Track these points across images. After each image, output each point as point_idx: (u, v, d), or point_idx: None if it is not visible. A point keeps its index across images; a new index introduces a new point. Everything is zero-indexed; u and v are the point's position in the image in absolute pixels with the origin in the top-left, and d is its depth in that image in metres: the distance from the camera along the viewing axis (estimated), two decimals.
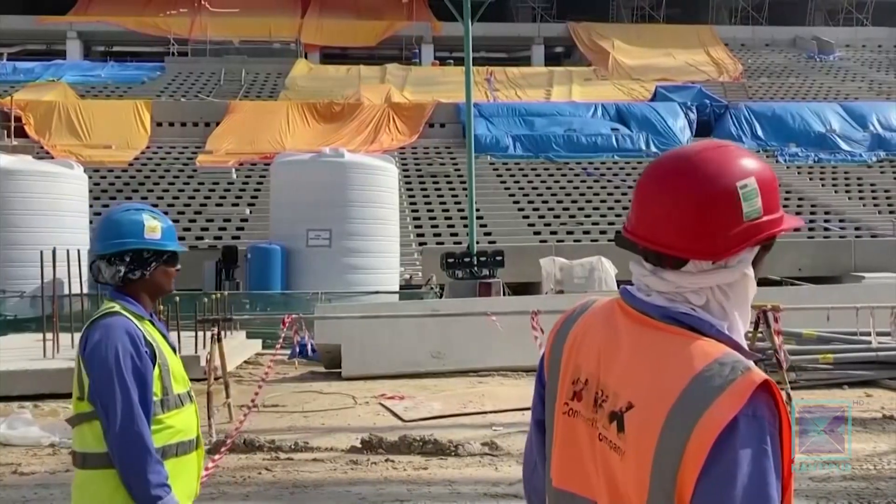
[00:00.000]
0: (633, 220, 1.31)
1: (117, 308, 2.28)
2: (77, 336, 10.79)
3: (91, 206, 24.39)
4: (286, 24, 45.26)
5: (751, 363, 1.17)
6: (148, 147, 30.38)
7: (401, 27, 46.36)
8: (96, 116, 31.01)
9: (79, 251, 11.98)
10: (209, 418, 7.11)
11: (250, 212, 24.44)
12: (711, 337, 1.22)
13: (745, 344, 1.26)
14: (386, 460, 6.20)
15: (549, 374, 1.41)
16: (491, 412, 7.98)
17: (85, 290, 13.01)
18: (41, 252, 10.54)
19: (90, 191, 25.28)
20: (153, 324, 2.34)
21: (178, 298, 10.58)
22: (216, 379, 7.58)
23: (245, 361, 11.81)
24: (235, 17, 44.08)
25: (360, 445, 6.48)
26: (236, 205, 25.52)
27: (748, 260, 1.26)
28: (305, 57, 43.48)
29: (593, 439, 1.27)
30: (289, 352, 11.68)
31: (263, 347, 12.65)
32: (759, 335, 8.36)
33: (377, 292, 15.06)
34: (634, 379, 1.23)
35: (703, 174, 1.23)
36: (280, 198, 17.29)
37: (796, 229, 1.39)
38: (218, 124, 31.68)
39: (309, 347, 8.76)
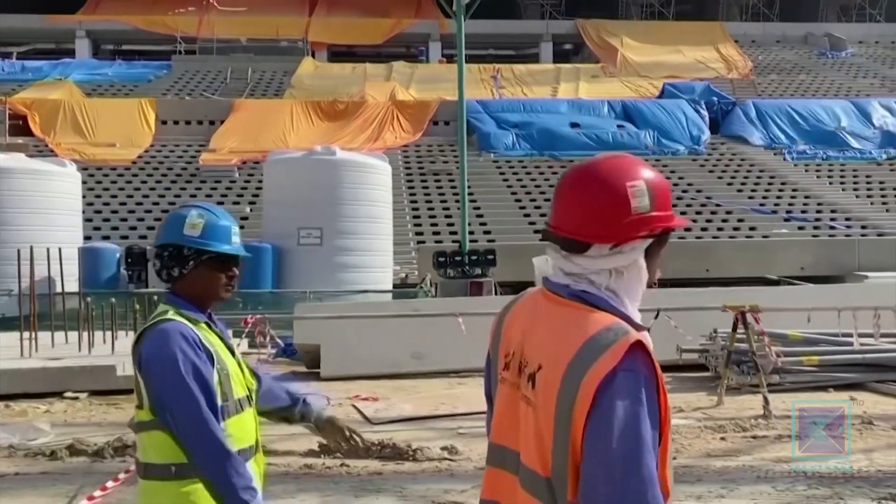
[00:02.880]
0: (553, 216, 1.57)
1: (171, 312, 2.19)
2: (64, 335, 10.73)
3: (92, 203, 24.57)
4: (293, 23, 45.30)
5: (631, 329, 1.42)
6: (152, 145, 30.46)
7: (408, 25, 46.29)
8: (101, 115, 31.14)
9: (60, 249, 11.85)
10: None
11: (251, 210, 24.41)
12: (605, 310, 1.47)
13: (636, 317, 1.50)
14: (341, 465, 6.07)
15: (491, 354, 1.71)
16: (461, 415, 7.81)
17: (75, 289, 13.03)
18: (18, 250, 10.46)
19: (91, 189, 25.49)
20: (210, 326, 2.24)
21: (156, 297, 10.52)
22: None
23: None
24: (243, 15, 44.14)
25: (317, 449, 6.34)
26: (237, 203, 25.48)
27: (640, 249, 1.51)
28: (313, 55, 43.48)
29: (517, 400, 1.55)
30: (273, 351, 11.61)
31: (249, 347, 12.54)
32: (739, 335, 8.16)
33: (366, 291, 14.94)
34: (544, 345, 1.50)
35: (605, 176, 1.51)
36: (272, 196, 17.21)
37: (687, 229, 1.60)
38: (222, 123, 31.72)
39: (269, 342, 8.63)
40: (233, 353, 2.29)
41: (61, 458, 6.28)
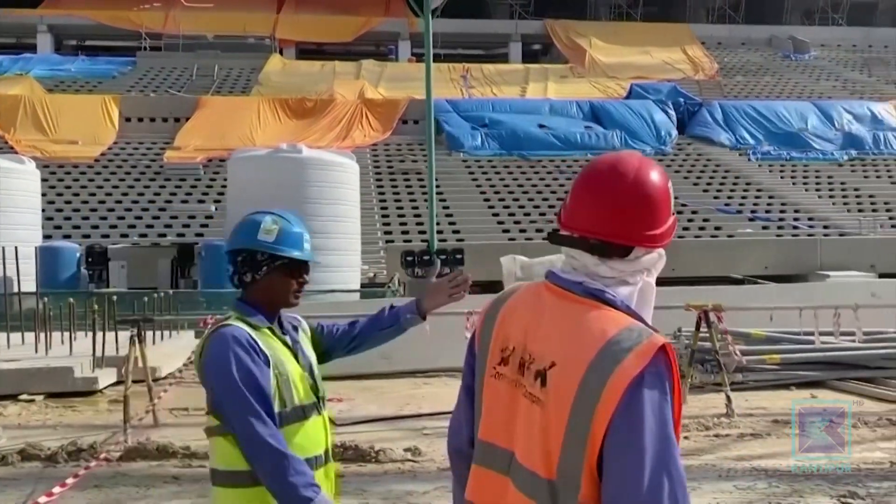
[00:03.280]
0: (577, 219, 1.50)
1: (233, 318, 2.19)
2: (21, 335, 10.44)
3: (53, 202, 24.10)
4: (261, 20, 44.87)
5: (652, 331, 1.40)
6: (115, 143, 29.99)
7: (377, 23, 46.09)
8: (63, 111, 30.57)
9: (17, 248, 11.57)
10: (125, 423, 6.84)
11: (216, 209, 24.09)
12: (619, 310, 1.45)
13: (648, 318, 1.48)
14: None
15: (479, 347, 1.64)
16: (426, 415, 7.75)
17: (33, 289, 12.70)
18: None
19: (53, 187, 25.00)
20: (274, 332, 2.22)
21: (115, 297, 10.33)
22: (135, 381, 7.30)
23: (191, 361, 11.52)
24: (210, 11, 43.65)
25: None
26: (202, 201, 25.17)
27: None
28: (281, 52, 43.12)
29: (515, 398, 1.50)
30: None
31: None
32: (703, 334, 8.20)
33: (333, 291, 14.79)
34: (557, 342, 1.45)
35: (650, 180, 1.48)
36: (236, 194, 16.98)
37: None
38: (188, 120, 31.31)
39: None
40: (297, 359, 2.24)
41: (12, 464, 6.09)
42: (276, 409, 2.11)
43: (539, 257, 17.27)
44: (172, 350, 11.23)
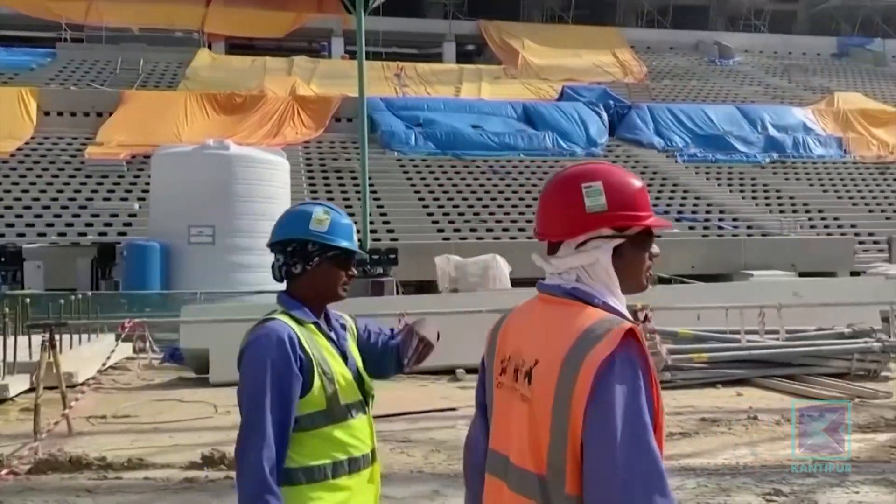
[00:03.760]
0: (535, 222, 1.65)
1: (278, 312, 2.14)
2: None
3: None
4: (189, 13, 43.64)
5: (625, 322, 1.44)
6: (33, 137, 28.68)
7: (310, 19, 45.43)
8: None
9: None
10: (35, 433, 6.45)
11: (140, 207, 23.27)
12: (598, 307, 1.52)
13: (626, 313, 1.53)
14: (226, 477, 5.71)
15: (487, 363, 1.73)
16: None
17: None
18: None
19: None
20: (319, 328, 2.15)
21: (28, 300, 9.82)
22: (45, 388, 6.90)
23: (111, 367, 11.03)
24: (135, 3, 42.21)
25: (200, 461, 5.98)
26: (125, 199, 24.28)
27: (605, 249, 1.54)
28: (209, 47, 42.06)
29: (512, 403, 1.56)
30: (159, 356, 11.11)
31: (134, 351, 11.89)
32: None
33: (262, 292, 14.43)
34: (540, 342, 1.53)
35: (564, 179, 1.58)
36: (160, 192, 16.38)
37: (658, 235, 1.64)
38: (111, 114, 30.19)
39: (149, 347, 8.14)
40: (345, 358, 2.19)
41: None
42: (322, 407, 2.07)
43: (473, 257, 17.28)
44: (91, 354, 10.74)
